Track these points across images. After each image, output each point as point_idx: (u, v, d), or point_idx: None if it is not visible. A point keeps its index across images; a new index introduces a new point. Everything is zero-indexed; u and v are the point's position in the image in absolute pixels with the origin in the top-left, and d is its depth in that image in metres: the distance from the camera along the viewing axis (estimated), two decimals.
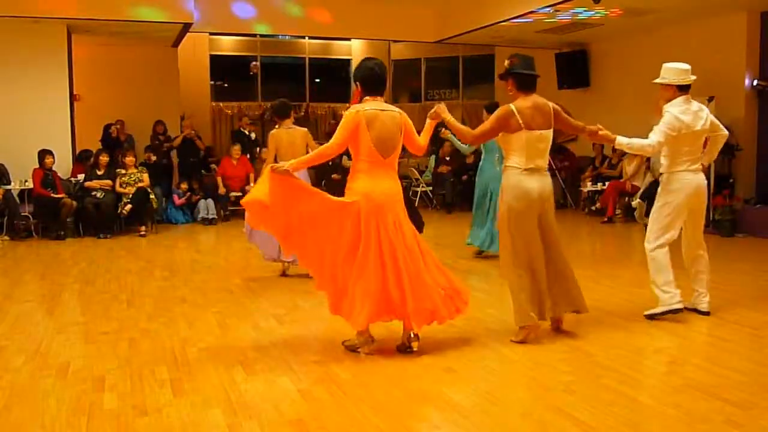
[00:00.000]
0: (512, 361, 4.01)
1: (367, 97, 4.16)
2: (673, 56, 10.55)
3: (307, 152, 5.89)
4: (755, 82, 9.79)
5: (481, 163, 7.64)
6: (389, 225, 4.04)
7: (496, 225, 7.08)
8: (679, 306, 4.81)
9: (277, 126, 6.56)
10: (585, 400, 3.37)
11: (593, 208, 11.51)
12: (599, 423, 3.10)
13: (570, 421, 3.12)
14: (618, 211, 10.90)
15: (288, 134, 6.41)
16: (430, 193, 13.33)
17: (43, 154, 9.42)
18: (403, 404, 3.38)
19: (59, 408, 3.33)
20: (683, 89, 4.82)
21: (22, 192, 9.57)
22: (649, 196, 10.18)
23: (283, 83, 15.74)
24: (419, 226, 7.29)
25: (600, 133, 4.67)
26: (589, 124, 4.73)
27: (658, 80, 4.88)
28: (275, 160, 6.09)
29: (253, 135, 12.54)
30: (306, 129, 6.66)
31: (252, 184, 9.66)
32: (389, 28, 12.54)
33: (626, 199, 10.84)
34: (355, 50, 15.83)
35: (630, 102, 11.32)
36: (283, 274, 6.60)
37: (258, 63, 15.01)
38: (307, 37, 14.93)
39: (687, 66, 4.85)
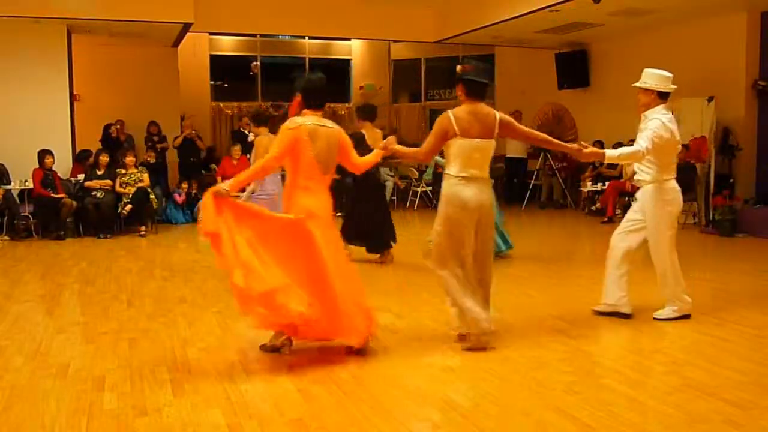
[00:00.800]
0: (512, 361, 4.01)
1: (307, 111, 4.08)
2: (673, 56, 10.57)
3: None
4: (755, 82, 9.79)
5: None
6: (334, 240, 4.04)
7: (501, 224, 7.03)
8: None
9: (254, 135, 6.59)
10: (585, 400, 3.37)
11: (593, 208, 11.51)
12: (599, 423, 3.10)
13: (570, 421, 3.12)
14: (618, 211, 10.87)
15: (270, 141, 6.44)
16: (430, 193, 13.32)
17: (43, 154, 9.42)
18: (403, 404, 3.38)
19: (59, 408, 3.33)
20: (663, 96, 4.76)
21: (22, 192, 9.56)
22: None
23: (283, 83, 15.72)
24: (390, 239, 7.24)
25: (585, 151, 4.57)
26: (581, 137, 4.69)
27: (638, 84, 4.83)
28: None
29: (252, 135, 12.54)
30: None
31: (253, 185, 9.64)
32: (389, 28, 12.53)
33: (626, 199, 10.81)
34: (355, 50, 15.83)
35: (630, 102, 11.21)
36: None
37: (258, 63, 15.01)
38: (307, 37, 14.93)
39: (670, 74, 4.80)
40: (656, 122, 4.65)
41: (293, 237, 3.92)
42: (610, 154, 4.67)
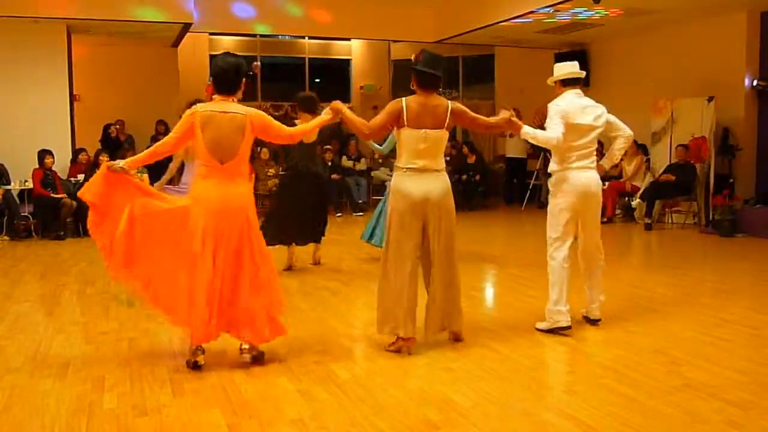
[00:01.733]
0: (512, 361, 4.01)
1: (216, 96, 3.99)
2: (673, 56, 10.54)
3: None
4: (755, 82, 9.80)
5: None
6: (224, 233, 3.83)
7: None
8: (567, 324, 4.48)
9: None
10: (585, 400, 3.37)
11: None
12: (599, 423, 3.10)
13: (570, 421, 3.12)
14: (618, 211, 10.89)
15: None
16: None
17: (43, 154, 9.42)
18: (403, 404, 3.38)
19: (59, 408, 3.33)
20: (567, 84, 4.71)
21: (22, 192, 9.56)
22: (650, 196, 10.23)
23: (283, 83, 15.73)
24: (314, 235, 6.81)
25: (512, 119, 4.42)
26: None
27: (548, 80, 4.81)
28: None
29: None
30: None
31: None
32: (389, 28, 12.54)
33: (626, 199, 10.83)
34: (355, 50, 15.82)
35: (630, 102, 11.30)
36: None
37: (259, 63, 15.00)
38: (307, 37, 14.92)
39: (573, 62, 4.80)
40: (553, 108, 4.57)
41: (172, 221, 3.91)
42: (527, 130, 4.48)
